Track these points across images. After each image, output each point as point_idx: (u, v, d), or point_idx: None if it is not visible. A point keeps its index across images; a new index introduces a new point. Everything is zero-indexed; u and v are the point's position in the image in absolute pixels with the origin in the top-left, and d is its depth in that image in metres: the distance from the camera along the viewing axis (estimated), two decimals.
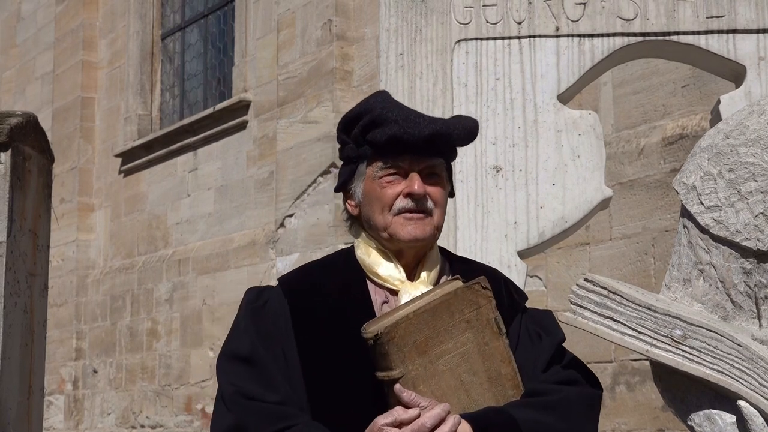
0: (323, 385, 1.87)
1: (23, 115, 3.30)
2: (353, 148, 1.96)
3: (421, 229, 1.91)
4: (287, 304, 1.94)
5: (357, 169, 1.96)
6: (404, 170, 1.92)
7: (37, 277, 3.37)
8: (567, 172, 2.97)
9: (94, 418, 10.75)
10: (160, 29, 11.16)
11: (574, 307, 2.14)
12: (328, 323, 1.91)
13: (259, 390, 1.85)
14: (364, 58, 8.02)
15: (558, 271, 6.36)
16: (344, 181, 1.99)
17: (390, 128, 1.88)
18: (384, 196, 1.91)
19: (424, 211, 1.92)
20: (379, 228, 1.93)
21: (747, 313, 2.17)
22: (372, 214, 1.94)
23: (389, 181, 1.92)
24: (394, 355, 1.75)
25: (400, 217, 1.91)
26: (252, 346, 1.90)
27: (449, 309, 1.80)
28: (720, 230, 2.16)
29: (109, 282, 10.82)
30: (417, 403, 1.75)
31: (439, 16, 3.05)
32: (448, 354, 1.80)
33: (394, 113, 1.90)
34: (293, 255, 8.08)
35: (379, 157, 1.92)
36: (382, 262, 1.95)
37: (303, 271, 2.06)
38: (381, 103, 1.93)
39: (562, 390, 1.91)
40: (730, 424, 2.11)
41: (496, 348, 1.85)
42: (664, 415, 5.58)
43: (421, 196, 1.90)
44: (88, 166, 11.46)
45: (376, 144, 1.90)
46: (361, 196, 1.96)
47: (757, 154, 2.16)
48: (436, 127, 1.90)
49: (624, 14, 3.01)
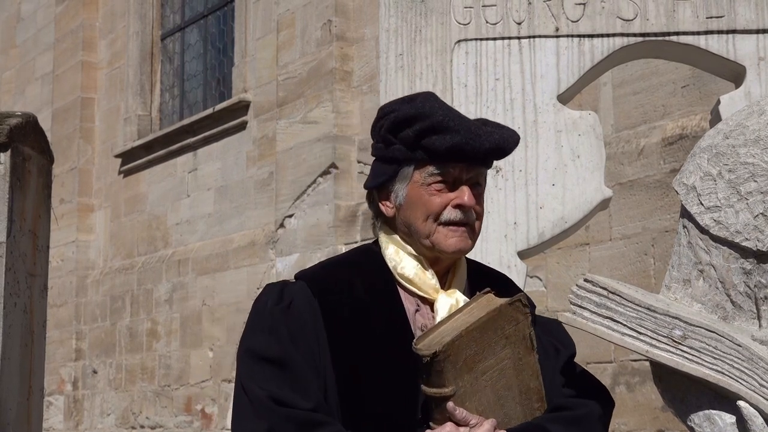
0: (357, 392, 1.85)
1: (23, 116, 3.30)
2: (401, 149, 1.90)
3: (464, 242, 1.91)
4: (317, 306, 1.90)
5: (401, 171, 1.91)
6: (453, 178, 1.90)
7: (37, 278, 3.37)
8: (567, 172, 2.97)
9: (94, 418, 10.75)
10: (159, 29, 11.16)
11: (574, 307, 2.14)
12: (361, 330, 1.88)
13: (291, 396, 1.81)
14: (364, 59, 8.02)
15: (558, 271, 6.36)
16: (384, 180, 1.95)
17: (452, 138, 1.85)
18: (432, 204, 1.89)
19: (469, 223, 1.91)
20: (421, 235, 1.91)
21: (747, 313, 2.17)
22: (414, 219, 1.91)
23: (438, 189, 1.89)
24: (449, 373, 1.76)
25: (445, 228, 1.89)
26: (282, 349, 1.85)
27: (494, 325, 1.81)
28: (720, 230, 2.16)
29: (108, 282, 10.82)
30: (468, 421, 1.76)
31: (439, 16, 3.05)
32: (490, 370, 1.81)
33: (456, 122, 1.87)
34: (293, 255, 8.08)
35: (430, 163, 1.89)
36: (416, 267, 1.93)
37: (327, 270, 2.01)
38: (440, 109, 1.90)
39: (586, 405, 1.96)
40: (729, 425, 2.11)
41: (528, 363, 1.87)
42: (664, 416, 5.58)
43: (469, 209, 1.90)
44: (87, 166, 11.46)
45: (434, 151, 1.87)
46: (404, 199, 1.92)
47: (756, 155, 2.16)
48: (495, 140, 1.89)
49: (624, 14, 3.01)
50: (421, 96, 1.95)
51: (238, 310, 8.83)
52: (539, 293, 6.38)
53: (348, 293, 1.92)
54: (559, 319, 2.13)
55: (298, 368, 1.85)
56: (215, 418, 9.04)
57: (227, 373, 8.85)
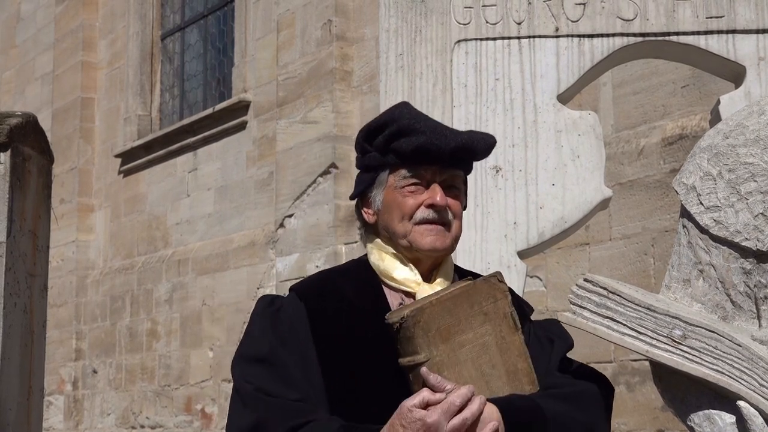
0: (343, 385, 1.88)
1: (23, 116, 3.30)
2: (376, 156, 1.98)
3: (441, 240, 1.95)
4: (304, 308, 1.95)
5: (377, 177, 1.98)
6: (426, 180, 1.95)
7: (37, 278, 3.37)
8: (567, 172, 2.97)
9: (94, 418, 10.75)
10: (159, 30, 11.16)
11: (574, 307, 2.14)
12: (345, 325, 1.92)
13: (278, 388, 1.85)
14: (364, 59, 8.02)
15: (558, 271, 6.36)
16: (363, 189, 2.01)
17: (417, 138, 1.91)
18: (405, 205, 1.94)
19: (444, 222, 1.95)
20: (398, 236, 1.96)
21: (747, 313, 2.17)
22: (391, 222, 1.96)
23: (411, 191, 1.95)
24: (419, 339, 1.78)
25: (421, 227, 1.94)
26: (270, 347, 1.90)
27: (469, 299, 1.84)
28: (719, 230, 2.16)
29: (108, 282, 10.82)
30: (443, 386, 1.77)
31: (439, 16, 3.05)
32: (468, 344, 1.83)
33: (422, 124, 1.94)
34: (293, 255, 8.08)
35: (402, 167, 1.95)
36: (398, 266, 1.97)
37: (316, 278, 2.08)
38: (408, 113, 1.97)
39: (579, 384, 1.98)
40: (729, 425, 2.12)
41: (513, 342, 1.88)
42: (663, 416, 5.58)
43: (442, 208, 1.94)
44: (87, 166, 11.46)
45: (401, 153, 1.93)
46: (381, 204, 1.98)
47: (756, 155, 2.16)
48: (461, 139, 1.94)
49: (624, 14, 3.01)
50: (395, 105, 2.02)
51: (238, 310, 8.83)
52: (539, 293, 6.38)
53: (333, 295, 1.97)
54: (558, 319, 2.14)
55: (286, 364, 1.89)
56: (215, 418, 9.04)
57: (227, 373, 8.84)
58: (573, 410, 1.89)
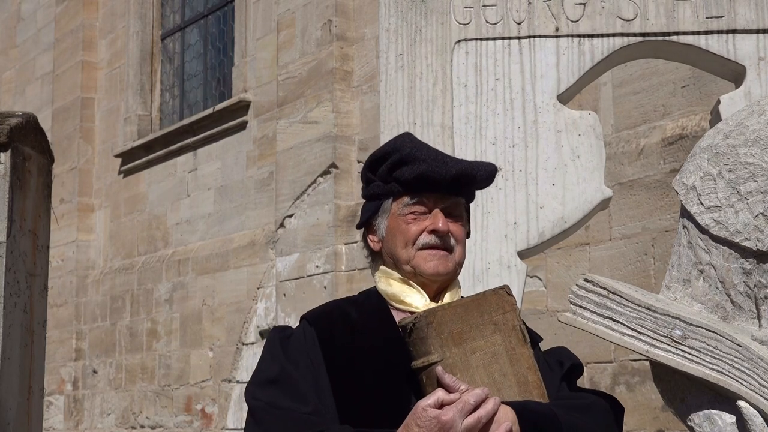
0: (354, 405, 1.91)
1: (23, 116, 3.30)
2: (379, 185, 2.03)
3: (444, 265, 1.98)
4: (314, 333, 1.99)
5: (381, 205, 2.03)
6: (428, 207, 1.99)
7: (37, 278, 3.37)
8: (567, 172, 2.97)
9: (94, 418, 10.75)
10: (159, 29, 11.16)
11: (574, 307, 2.14)
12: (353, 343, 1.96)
13: (290, 402, 1.88)
14: (364, 59, 8.02)
15: (558, 271, 6.36)
16: (368, 217, 2.06)
17: (419, 166, 1.96)
18: (408, 231, 1.98)
19: (447, 248, 1.99)
20: (402, 261, 2.00)
21: (747, 313, 2.17)
22: (395, 248, 2.00)
23: (414, 218, 1.99)
24: (433, 339, 1.80)
25: (424, 252, 1.98)
26: (280, 368, 1.94)
27: (479, 308, 1.87)
28: (720, 230, 2.16)
29: (108, 282, 10.82)
30: (457, 386, 1.78)
31: (439, 16, 3.05)
32: (480, 351, 1.84)
33: (423, 152, 1.99)
34: (293, 255, 8.08)
35: (405, 194, 2.00)
36: (406, 289, 2.01)
37: (326, 307, 2.12)
38: (410, 142, 2.02)
39: (591, 397, 2.02)
40: (729, 425, 2.12)
41: (523, 355, 1.89)
42: (664, 415, 5.58)
43: (444, 234, 1.98)
44: (87, 166, 11.46)
45: (404, 181, 1.98)
46: (385, 231, 2.03)
47: (756, 155, 2.16)
48: (461, 167, 1.99)
49: (624, 14, 3.01)
50: (398, 136, 2.07)
51: (238, 310, 8.83)
52: (539, 293, 6.38)
53: (343, 319, 2.02)
54: (558, 319, 2.14)
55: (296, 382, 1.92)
56: (215, 418, 9.04)
57: (227, 372, 8.85)
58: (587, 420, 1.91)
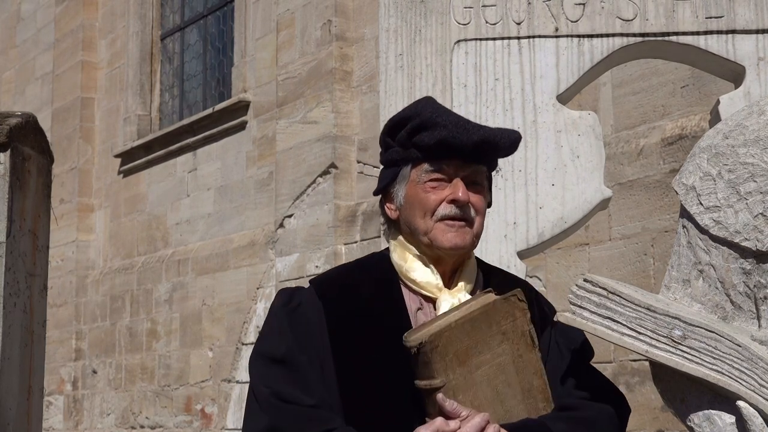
0: (357, 389, 1.87)
1: (23, 116, 3.30)
2: (398, 151, 1.95)
3: (461, 238, 1.92)
4: (321, 307, 1.93)
5: (400, 172, 1.95)
6: (449, 175, 1.92)
7: (37, 278, 3.37)
8: (566, 172, 2.97)
9: (94, 418, 10.74)
10: (159, 30, 11.16)
11: (574, 307, 2.14)
12: (361, 327, 1.90)
13: (294, 393, 1.84)
14: (364, 59, 8.02)
15: (557, 271, 6.36)
16: (386, 184, 1.98)
17: (440, 132, 1.88)
18: (427, 200, 1.91)
19: (466, 219, 1.92)
20: (420, 232, 1.93)
21: (746, 313, 2.17)
22: (413, 218, 1.93)
23: (433, 186, 1.92)
24: (437, 364, 1.76)
25: (442, 224, 1.91)
26: (287, 348, 1.89)
27: (488, 320, 1.82)
28: (719, 231, 2.16)
29: (108, 282, 10.82)
30: (458, 413, 1.75)
31: (439, 16, 3.05)
32: (485, 365, 1.81)
33: (444, 118, 1.90)
34: (293, 255, 8.08)
35: (424, 161, 1.92)
36: (419, 267, 1.95)
37: (336, 273, 2.05)
38: (430, 107, 1.93)
39: (593, 407, 1.95)
40: (729, 425, 2.12)
41: (530, 360, 1.87)
42: (663, 416, 5.58)
43: (464, 203, 1.91)
44: (87, 166, 11.46)
45: (423, 147, 1.90)
46: (403, 199, 1.96)
47: (756, 155, 2.16)
48: (484, 133, 1.91)
49: (623, 15, 3.01)
50: (419, 100, 1.99)
51: (238, 310, 8.83)
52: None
53: (352, 294, 1.94)
54: (558, 319, 2.14)
55: (302, 366, 1.87)
56: (215, 418, 9.04)
57: (227, 373, 8.85)
58: None
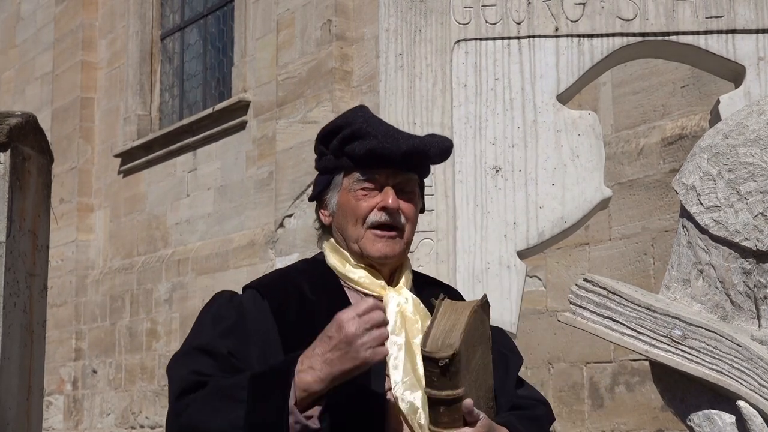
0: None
1: (22, 116, 3.30)
2: (331, 159, 1.99)
3: (391, 248, 1.95)
4: (267, 306, 1.93)
5: (333, 179, 2.00)
6: (380, 183, 1.96)
7: (37, 278, 3.36)
8: (566, 172, 2.97)
9: (94, 418, 10.74)
10: (159, 29, 11.16)
11: (574, 307, 2.14)
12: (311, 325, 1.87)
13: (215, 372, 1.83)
14: (364, 59, 8.02)
15: (557, 271, 6.36)
16: (320, 191, 2.02)
17: (369, 142, 1.92)
18: (358, 208, 1.95)
19: (396, 226, 1.95)
20: (351, 239, 1.97)
21: (746, 313, 2.17)
22: (345, 225, 1.97)
23: (364, 194, 1.95)
24: (463, 373, 1.77)
25: (371, 233, 1.95)
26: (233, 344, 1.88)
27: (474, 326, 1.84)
28: (719, 230, 2.16)
29: (108, 282, 10.82)
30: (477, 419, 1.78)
31: (439, 16, 3.05)
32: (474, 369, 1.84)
33: (374, 128, 1.94)
34: (293, 255, 8.08)
35: (356, 170, 1.96)
36: (358, 268, 1.98)
37: (271, 278, 2.06)
38: (361, 117, 1.97)
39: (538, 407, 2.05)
40: (729, 424, 2.12)
41: (490, 362, 1.90)
42: (663, 415, 5.58)
43: (394, 210, 1.94)
44: (87, 166, 11.46)
45: (354, 156, 1.94)
46: (336, 206, 1.99)
47: (756, 154, 2.16)
48: (413, 143, 1.94)
49: (623, 14, 3.01)
50: (352, 109, 2.03)
51: None
52: (539, 293, 6.38)
53: (296, 295, 1.96)
54: (558, 319, 2.14)
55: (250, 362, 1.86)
56: None
57: None
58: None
